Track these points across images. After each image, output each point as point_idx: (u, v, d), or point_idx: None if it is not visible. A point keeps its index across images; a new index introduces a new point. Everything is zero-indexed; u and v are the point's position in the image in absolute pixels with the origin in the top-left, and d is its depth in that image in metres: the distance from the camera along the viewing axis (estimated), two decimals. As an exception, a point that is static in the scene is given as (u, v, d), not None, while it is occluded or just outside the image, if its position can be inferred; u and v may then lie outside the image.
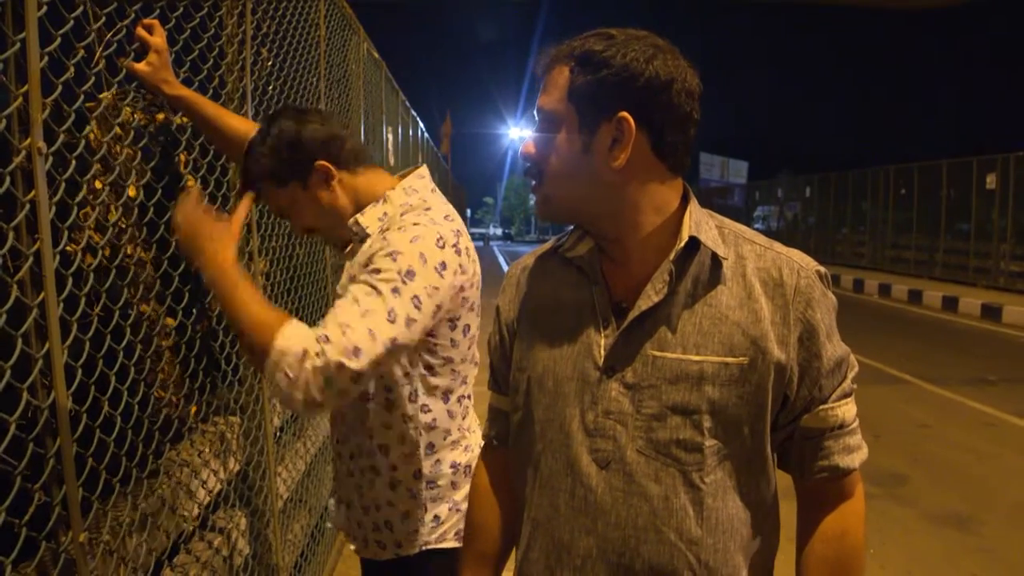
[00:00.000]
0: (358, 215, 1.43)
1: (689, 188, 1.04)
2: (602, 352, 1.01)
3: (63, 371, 1.12)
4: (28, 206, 1.08)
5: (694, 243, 0.98)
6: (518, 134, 61.90)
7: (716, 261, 0.99)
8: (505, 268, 21.35)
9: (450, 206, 1.46)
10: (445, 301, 1.31)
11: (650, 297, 0.98)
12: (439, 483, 1.47)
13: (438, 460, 1.46)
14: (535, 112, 1.01)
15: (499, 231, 54.15)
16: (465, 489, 1.51)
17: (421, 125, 9.92)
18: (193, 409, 1.90)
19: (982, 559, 3.58)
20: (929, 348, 8.93)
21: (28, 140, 1.07)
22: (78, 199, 1.25)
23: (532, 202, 1.08)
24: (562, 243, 1.08)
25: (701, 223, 1.00)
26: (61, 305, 1.15)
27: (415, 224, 1.30)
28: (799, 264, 1.00)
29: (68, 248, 1.27)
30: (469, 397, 1.53)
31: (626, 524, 0.99)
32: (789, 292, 0.98)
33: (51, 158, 1.12)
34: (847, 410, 1.02)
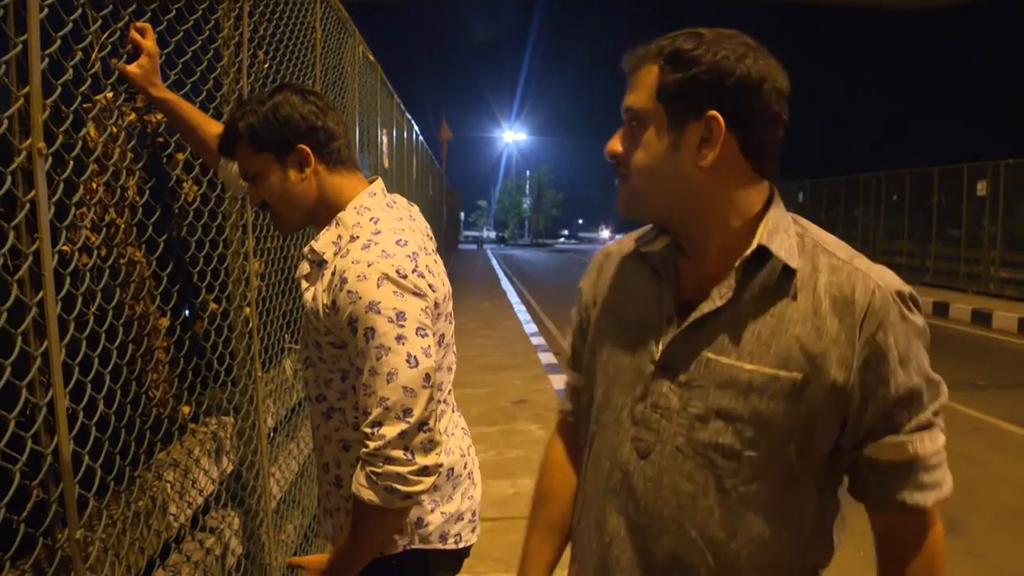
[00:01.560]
0: (313, 241, 1.42)
1: (777, 193, 1.02)
2: (659, 348, 1.02)
3: (61, 369, 1.13)
4: (28, 206, 1.09)
5: (764, 251, 0.96)
6: (512, 137, 62.03)
7: (788, 271, 0.96)
8: (499, 271, 21.27)
9: (406, 220, 1.44)
10: (432, 316, 1.35)
11: (714, 301, 0.98)
12: None
13: None
14: (623, 111, 1.00)
15: (492, 234, 54.16)
16: (448, 492, 1.51)
17: (416, 128, 9.94)
18: (186, 409, 1.91)
19: (971, 563, 3.61)
20: (919, 353, 8.98)
21: (29, 141, 1.08)
22: (75, 199, 1.26)
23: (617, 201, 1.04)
24: (644, 236, 1.09)
25: (778, 230, 0.98)
26: (59, 304, 1.16)
27: (369, 264, 1.28)
28: (876, 283, 0.95)
29: (64, 248, 1.28)
30: (446, 402, 1.53)
31: (653, 513, 1.02)
32: (859, 312, 0.94)
33: (50, 159, 1.13)
34: (923, 445, 0.96)
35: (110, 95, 1.53)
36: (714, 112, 0.93)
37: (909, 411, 0.96)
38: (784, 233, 0.98)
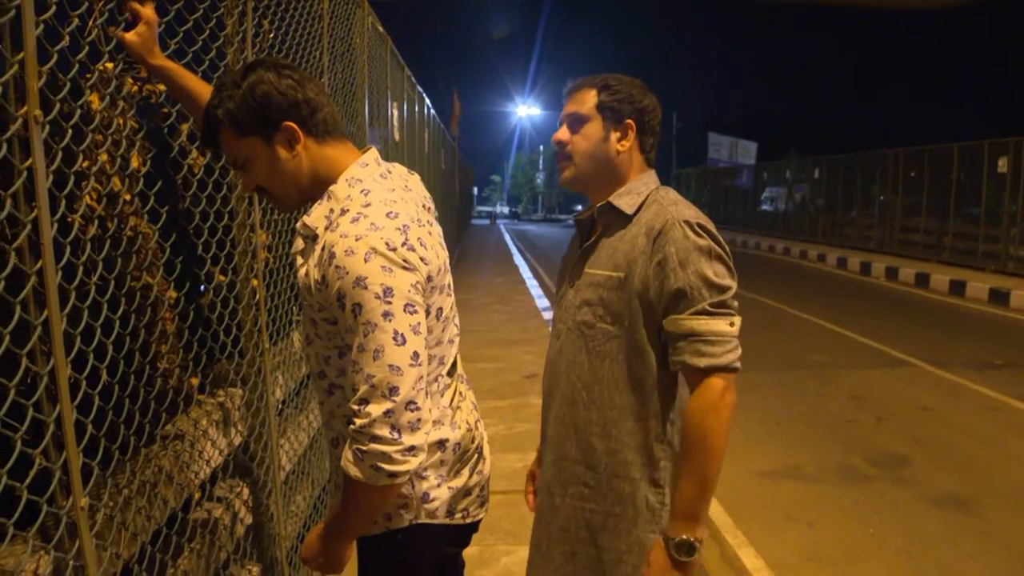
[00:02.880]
0: (304, 216, 1.39)
1: (653, 176, 1.63)
2: (570, 270, 1.67)
3: (62, 337, 1.13)
4: (25, 174, 1.08)
5: (612, 205, 1.57)
6: (525, 112, 61.50)
7: (627, 215, 1.55)
8: (511, 246, 21.23)
9: (399, 191, 1.41)
10: (425, 290, 1.32)
11: (592, 239, 1.62)
12: (425, 461, 1.46)
13: None
14: (567, 115, 1.60)
15: (506, 209, 53.94)
16: (456, 466, 1.51)
17: (427, 101, 9.87)
18: (194, 381, 1.91)
19: (981, 541, 3.60)
20: (935, 332, 8.90)
21: (25, 108, 1.07)
22: (74, 168, 1.25)
23: (561, 174, 1.64)
24: (579, 212, 1.70)
25: (630, 193, 1.57)
26: (60, 273, 1.15)
27: (357, 238, 1.25)
28: (672, 215, 1.49)
29: (69, 219, 1.27)
30: (451, 375, 1.52)
31: (557, 369, 1.66)
32: (655, 232, 1.49)
33: (47, 127, 1.12)
34: (699, 324, 1.43)
35: (110, 65, 1.51)
36: (630, 120, 1.57)
37: (688, 299, 1.44)
38: (634, 195, 1.57)
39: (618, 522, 1.57)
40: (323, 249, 1.31)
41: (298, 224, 1.40)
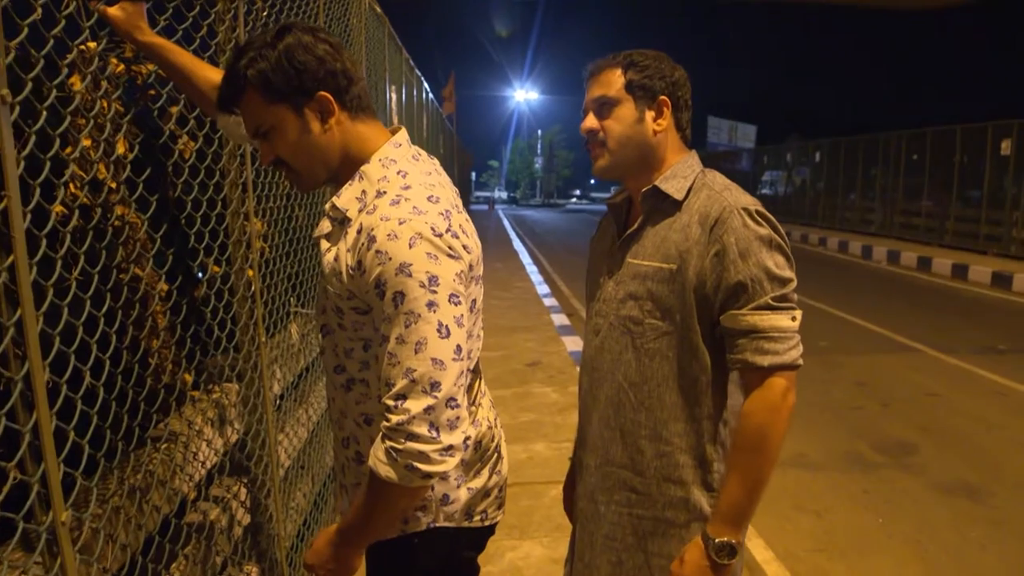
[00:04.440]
0: (335, 197, 1.29)
1: (695, 157, 1.49)
2: (607, 261, 1.55)
3: (38, 338, 1.04)
4: (-8, 160, 0.98)
5: (659, 189, 1.45)
6: (523, 96, 61.15)
7: (676, 201, 1.44)
8: (511, 232, 21.13)
9: (434, 175, 1.33)
10: (466, 280, 1.24)
11: (633, 226, 1.50)
12: None
13: None
14: (593, 100, 1.46)
15: (504, 195, 53.74)
16: (476, 466, 1.43)
17: (426, 85, 9.72)
18: (188, 378, 1.83)
19: (990, 529, 3.55)
20: (938, 316, 8.84)
21: (-10, 87, 0.97)
22: (51, 154, 1.15)
23: (594, 163, 1.49)
24: (611, 196, 1.62)
25: (675, 176, 1.45)
26: (35, 268, 1.06)
27: (400, 222, 1.17)
28: (728, 202, 1.38)
29: (58, 208, 1.17)
30: (475, 371, 1.44)
31: (600, 369, 1.53)
32: (712, 220, 1.37)
33: (18, 108, 1.02)
34: (760, 320, 1.33)
35: (92, 44, 1.40)
36: (664, 96, 1.44)
37: (748, 293, 1.34)
38: (680, 178, 1.45)
39: (668, 527, 1.48)
40: (359, 232, 1.21)
41: (326, 205, 1.29)
